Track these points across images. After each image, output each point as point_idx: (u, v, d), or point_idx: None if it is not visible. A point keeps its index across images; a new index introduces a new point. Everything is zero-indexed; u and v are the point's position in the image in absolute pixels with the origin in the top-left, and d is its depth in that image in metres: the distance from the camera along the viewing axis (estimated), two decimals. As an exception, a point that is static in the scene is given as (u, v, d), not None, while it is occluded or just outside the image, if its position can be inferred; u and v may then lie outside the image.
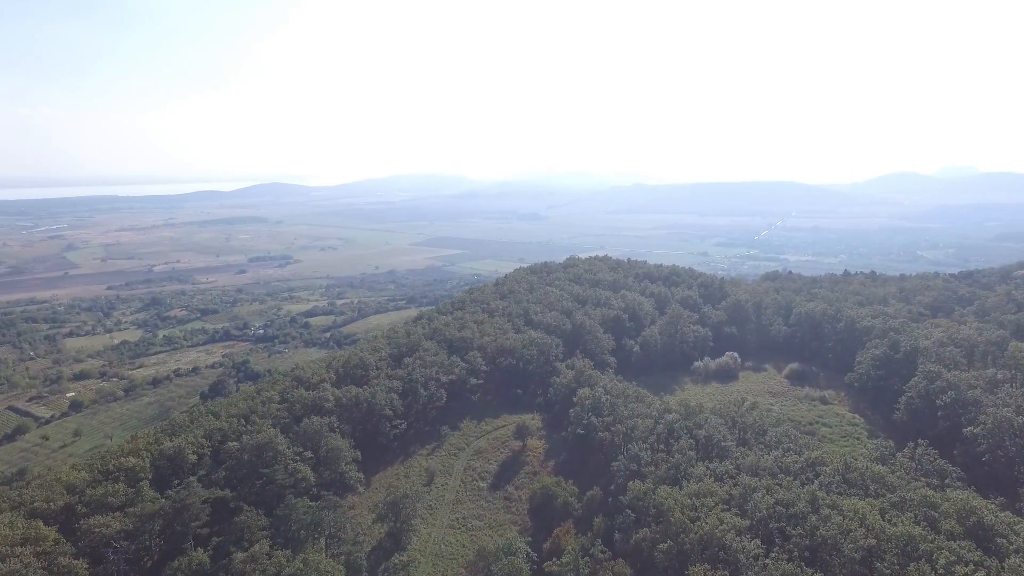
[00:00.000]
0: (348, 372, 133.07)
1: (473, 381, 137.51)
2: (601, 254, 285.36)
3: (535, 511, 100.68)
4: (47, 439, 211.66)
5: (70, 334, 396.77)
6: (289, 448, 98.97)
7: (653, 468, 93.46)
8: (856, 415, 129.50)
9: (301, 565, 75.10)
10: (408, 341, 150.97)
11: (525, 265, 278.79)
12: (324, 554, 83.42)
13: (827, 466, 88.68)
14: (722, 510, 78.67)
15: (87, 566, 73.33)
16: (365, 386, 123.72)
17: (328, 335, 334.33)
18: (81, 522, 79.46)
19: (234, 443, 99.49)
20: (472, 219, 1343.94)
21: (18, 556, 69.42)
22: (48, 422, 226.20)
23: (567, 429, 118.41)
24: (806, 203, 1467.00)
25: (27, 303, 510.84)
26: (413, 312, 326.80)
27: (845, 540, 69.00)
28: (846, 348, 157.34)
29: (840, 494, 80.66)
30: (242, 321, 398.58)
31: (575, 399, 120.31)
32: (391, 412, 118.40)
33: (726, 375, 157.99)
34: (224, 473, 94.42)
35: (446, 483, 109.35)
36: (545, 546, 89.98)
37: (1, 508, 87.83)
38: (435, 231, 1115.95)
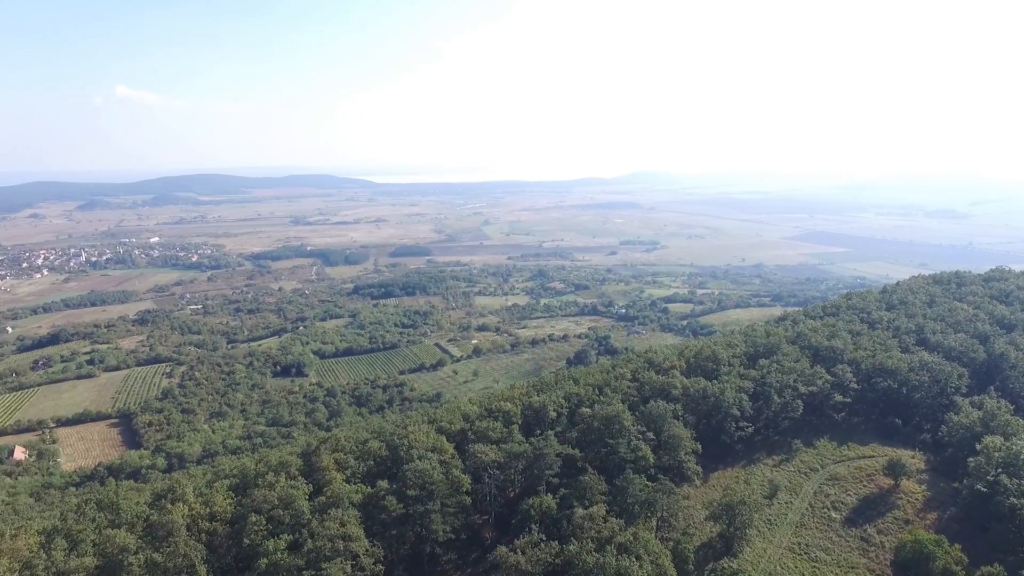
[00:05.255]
0: (699, 363, 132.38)
1: (838, 398, 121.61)
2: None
3: (900, 566, 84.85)
4: (456, 373, 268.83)
5: (479, 293, 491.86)
6: (634, 425, 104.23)
7: (1097, 566, 68.82)
8: None
9: (631, 537, 79.16)
10: (767, 342, 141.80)
11: (927, 272, 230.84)
12: (654, 534, 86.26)
13: None
14: None
15: (470, 481, 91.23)
16: (714, 380, 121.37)
17: (684, 323, 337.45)
18: (469, 446, 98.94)
19: (587, 410, 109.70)
20: (862, 213, 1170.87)
21: (428, 459, 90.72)
22: (458, 360, 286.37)
23: (961, 481, 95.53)
24: None
25: (454, 265, 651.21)
26: (777, 311, 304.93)
27: None
28: None
29: None
30: (608, 299, 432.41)
31: (979, 446, 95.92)
32: (738, 412, 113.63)
33: None
34: (576, 434, 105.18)
35: (791, 501, 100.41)
36: (909, 611, 75.44)
37: (422, 420, 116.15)
38: (814, 225, 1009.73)
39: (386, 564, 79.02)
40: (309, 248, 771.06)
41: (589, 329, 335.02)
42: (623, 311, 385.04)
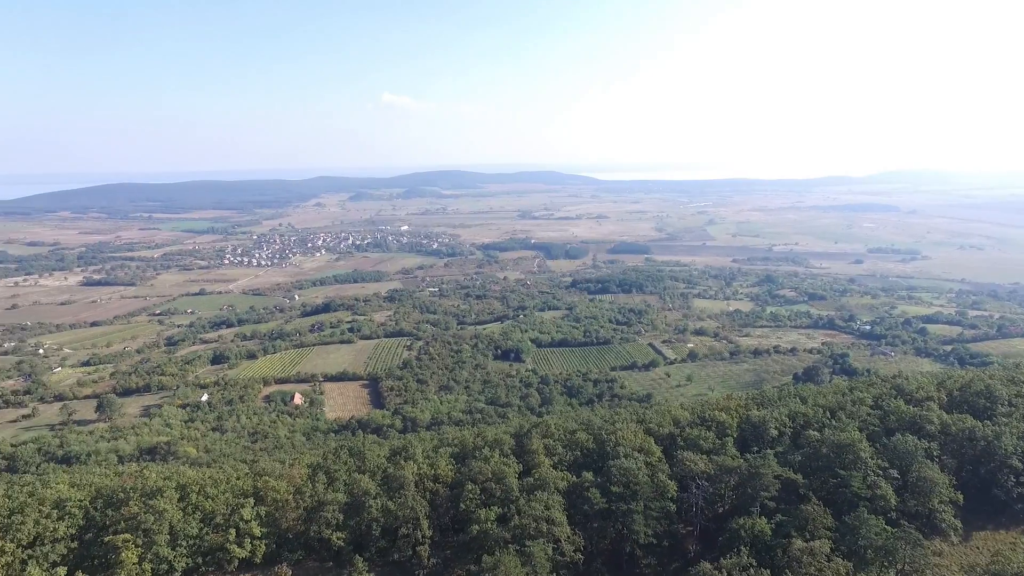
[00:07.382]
0: (966, 398, 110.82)
1: None
2: None
3: None
4: (668, 376, 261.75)
5: (698, 295, 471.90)
6: (872, 459, 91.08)
7: None
8: None
9: (862, 585, 69.69)
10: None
11: None
12: (890, 588, 74.78)
13: None
14: None
15: (676, 489, 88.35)
16: (987, 421, 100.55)
17: (948, 348, 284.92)
18: (678, 452, 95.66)
19: (815, 433, 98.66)
20: None
21: (635, 459, 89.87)
22: (671, 363, 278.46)
23: None
24: None
25: (673, 264, 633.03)
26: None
27: None
28: None
29: None
30: (848, 313, 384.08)
31: None
32: (1020, 464, 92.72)
33: None
34: (799, 458, 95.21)
35: (1092, 588, 79.17)
36: None
37: (630, 419, 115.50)
38: None
39: (585, 555, 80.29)
40: (533, 241, 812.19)
41: (823, 344, 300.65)
42: (867, 328, 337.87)
